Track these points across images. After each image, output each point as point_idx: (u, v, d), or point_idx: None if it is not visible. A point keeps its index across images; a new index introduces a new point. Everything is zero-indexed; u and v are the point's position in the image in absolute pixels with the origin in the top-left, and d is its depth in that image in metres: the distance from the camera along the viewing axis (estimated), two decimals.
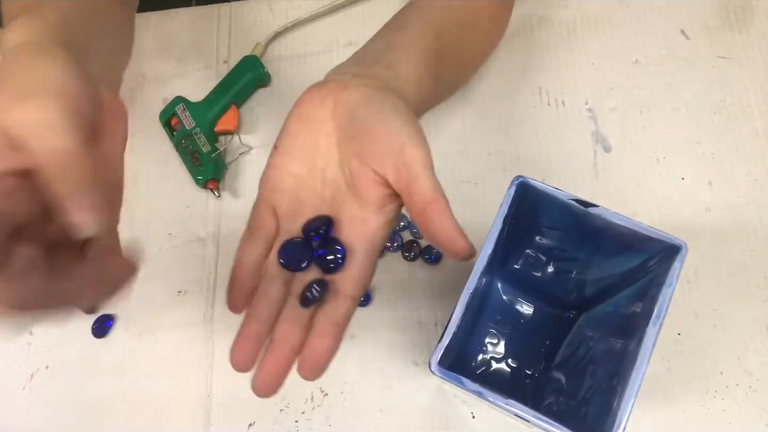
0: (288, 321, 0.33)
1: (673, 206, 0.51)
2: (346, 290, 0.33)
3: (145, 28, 0.61)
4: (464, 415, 0.47)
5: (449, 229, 0.31)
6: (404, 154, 0.32)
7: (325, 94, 0.35)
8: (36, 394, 0.51)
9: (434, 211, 0.31)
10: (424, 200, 0.31)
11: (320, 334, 0.32)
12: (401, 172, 0.32)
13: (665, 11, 0.57)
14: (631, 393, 0.32)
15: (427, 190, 0.31)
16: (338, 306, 0.33)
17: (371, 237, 0.34)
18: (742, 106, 0.53)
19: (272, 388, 0.32)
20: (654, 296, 0.35)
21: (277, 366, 0.32)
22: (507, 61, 0.56)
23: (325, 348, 0.32)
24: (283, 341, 0.32)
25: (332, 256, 0.33)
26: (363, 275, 0.34)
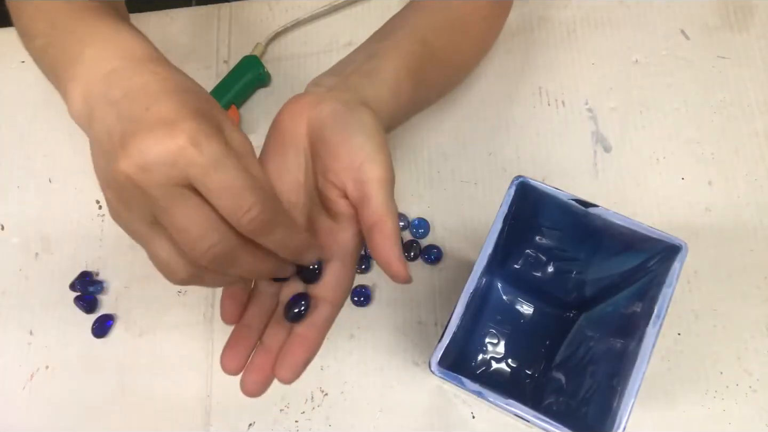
0: (276, 326, 0.35)
1: (673, 206, 0.51)
2: (325, 296, 0.34)
3: (145, 28, 0.61)
4: (464, 415, 0.47)
5: (389, 251, 0.32)
6: (361, 172, 0.33)
7: (301, 109, 0.36)
8: (36, 394, 0.51)
9: (379, 231, 0.32)
10: (372, 219, 0.32)
11: (299, 336, 0.33)
12: (357, 189, 0.33)
13: (665, 11, 0.57)
14: (631, 393, 0.32)
15: (377, 208, 0.32)
16: (318, 311, 0.34)
17: (345, 245, 0.35)
18: (742, 106, 0.53)
19: (261, 388, 0.33)
20: (654, 296, 0.35)
21: (265, 366, 0.33)
22: (506, 61, 0.56)
23: (302, 351, 0.33)
24: (271, 343, 0.34)
25: (310, 272, 0.35)
26: (340, 281, 0.35)
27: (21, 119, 0.59)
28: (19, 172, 0.57)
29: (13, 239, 0.55)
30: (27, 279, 0.54)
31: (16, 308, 0.53)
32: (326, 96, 0.36)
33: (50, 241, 0.55)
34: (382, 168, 0.33)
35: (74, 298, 0.52)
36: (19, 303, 0.53)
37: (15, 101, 0.59)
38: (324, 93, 0.37)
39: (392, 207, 0.33)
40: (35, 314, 0.53)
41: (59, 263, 0.54)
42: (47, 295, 0.53)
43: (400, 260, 0.32)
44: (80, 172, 0.57)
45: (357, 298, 0.50)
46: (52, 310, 0.53)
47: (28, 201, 0.56)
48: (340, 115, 0.35)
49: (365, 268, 0.51)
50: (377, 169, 0.33)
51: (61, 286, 0.53)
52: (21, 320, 0.53)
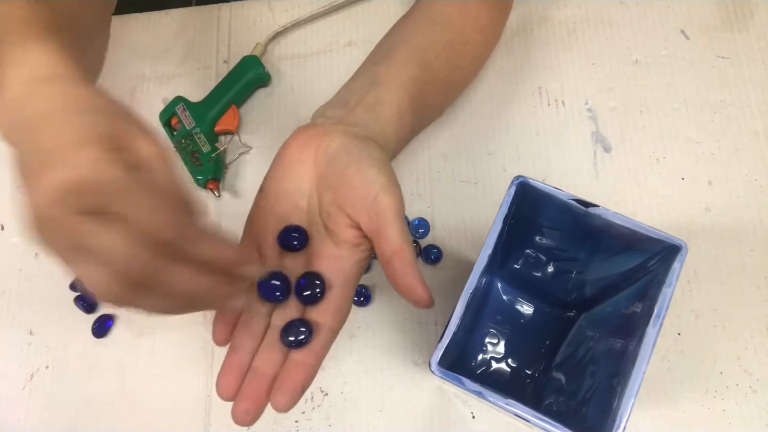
0: (268, 349, 0.34)
1: (673, 206, 0.51)
2: (324, 322, 0.34)
3: (145, 28, 0.61)
4: (464, 415, 0.47)
5: (411, 278, 0.33)
6: (377, 204, 0.34)
7: (308, 138, 0.37)
8: (36, 394, 0.51)
9: (399, 260, 0.33)
10: (391, 249, 0.34)
11: (297, 363, 0.33)
12: (373, 220, 0.34)
13: (665, 11, 0.57)
14: (631, 393, 0.32)
15: (395, 239, 0.34)
16: (317, 337, 0.34)
17: (347, 272, 0.36)
18: (742, 106, 0.53)
19: (252, 417, 0.33)
20: (654, 296, 0.35)
21: (257, 394, 0.33)
22: (507, 61, 0.56)
23: (300, 378, 0.33)
24: (263, 370, 0.34)
25: (310, 291, 0.35)
26: (340, 308, 0.35)
27: None
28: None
29: (13, 239, 0.55)
30: (27, 279, 0.54)
31: (16, 308, 0.53)
32: (334, 128, 0.37)
33: None
34: (396, 199, 0.35)
35: (74, 298, 0.52)
36: (19, 303, 0.53)
37: None
38: (331, 126, 0.38)
39: (408, 237, 0.34)
40: (35, 314, 0.53)
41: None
42: (47, 295, 0.53)
43: (423, 285, 0.34)
44: None
45: (357, 298, 0.50)
46: (52, 310, 0.53)
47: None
48: (352, 148, 0.36)
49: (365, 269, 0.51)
50: (392, 201, 0.34)
51: (61, 286, 0.53)
52: (21, 320, 0.53)
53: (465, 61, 0.48)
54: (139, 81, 0.59)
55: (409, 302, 0.34)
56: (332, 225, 0.36)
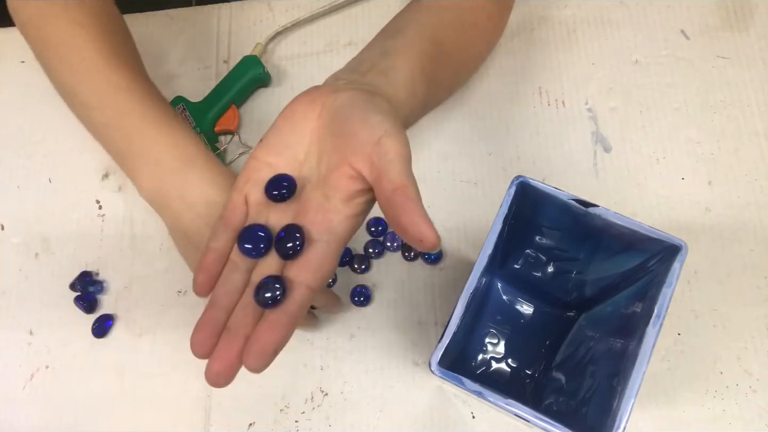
0: (242, 309, 0.33)
1: (673, 206, 0.51)
2: (303, 279, 0.32)
3: (145, 28, 0.61)
4: (464, 415, 0.47)
5: (414, 214, 0.30)
6: (380, 146, 0.32)
7: (316, 96, 0.36)
8: (36, 394, 0.51)
9: (400, 196, 0.31)
10: (392, 186, 0.31)
11: (269, 323, 0.31)
12: (375, 163, 0.32)
13: (665, 11, 0.57)
14: (631, 393, 0.32)
15: (397, 176, 0.31)
16: (293, 296, 0.32)
17: (334, 228, 0.33)
18: (742, 106, 0.53)
19: (225, 378, 0.31)
20: (654, 296, 0.35)
21: (229, 355, 0.31)
22: (507, 61, 0.56)
23: (273, 338, 0.31)
24: (237, 330, 0.32)
25: (289, 244, 0.32)
26: (323, 265, 0.33)
27: (21, 119, 0.59)
28: (19, 172, 0.57)
29: (13, 239, 0.55)
30: (27, 279, 0.54)
31: (16, 308, 0.53)
32: (344, 87, 0.36)
33: (50, 241, 0.55)
34: (401, 143, 0.32)
35: (74, 298, 0.52)
36: (19, 303, 0.53)
37: (15, 101, 0.59)
38: (342, 85, 0.37)
39: (412, 176, 0.32)
40: (35, 314, 0.53)
41: (59, 263, 0.54)
42: (47, 295, 0.53)
43: (428, 222, 0.30)
44: (80, 172, 0.57)
45: (357, 298, 0.50)
46: (52, 310, 0.53)
47: (28, 201, 0.56)
48: (359, 99, 0.35)
49: (365, 268, 0.51)
50: (396, 144, 0.32)
51: (61, 286, 0.53)
52: (21, 320, 0.53)
53: (475, 42, 0.48)
54: None
55: (412, 243, 0.31)
56: (330, 175, 0.34)
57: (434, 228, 0.30)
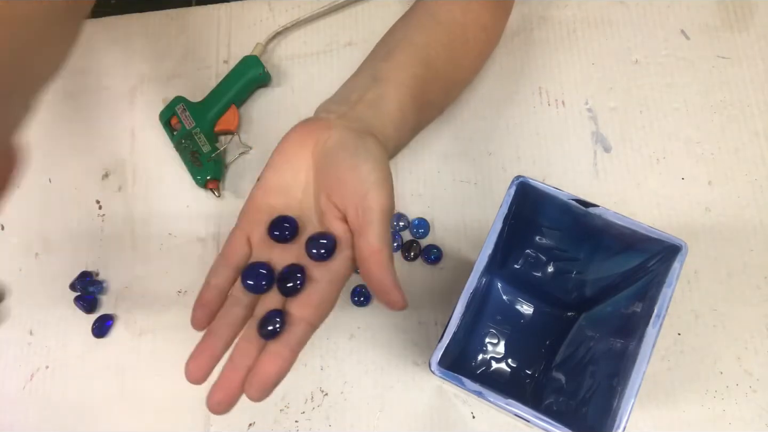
0: (246, 341, 0.34)
1: (673, 206, 0.51)
2: (304, 316, 0.34)
3: (145, 29, 0.61)
4: (464, 415, 0.47)
5: (386, 281, 0.33)
6: (366, 200, 0.34)
7: (309, 132, 0.37)
8: (36, 394, 0.51)
9: (375, 261, 0.33)
10: (369, 249, 0.33)
11: (271, 354, 0.33)
12: (358, 216, 0.34)
13: (665, 11, 0.57)
14: (631, 393, 0.32)
15: (374, 239, 0.33)
16: (294, 330, 0.33)
17: (335, 269, 0.35)
18: (742, 106, 0.53)
19: (226, 407, 0.33)
20: (654, 296, 0.35)
21: (231, 384, 0.33)
22: (507, 61, 0.56)
23: (274, 370, 0.32)
24: (239, 361, 0.33)
25: (290, 283, 0.34)
26: (323, 303, 0.34)
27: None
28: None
29: (13, 239, 0.55)
30: (27, 279, 0.54)
31: (16, 308, 0.53)
32: (335, 123, 0.37)
33: (50, 241, 0.55)
34: (385, 198, 0.34)
35: (74, 298, 0.52)
36: (19, 303, 0.53)
37: None
38: (333, 120, 0.38)
39: (388, 238, 0.34)
40: (35, 314, 0.53)
41: (59, 263, 0.54)
42: (47, 295, 0.53)
43: (397, 288, 0.33)
44: (80, 172, 0.57)
45: (357, 298, 0.50)
46: (52, 310, 0.53)
47: (28, 201, 0.56)
48: (349, 142, 0.36)
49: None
50: (381, 198, 0.34)
51: (61, 286, 0.53)
52: (21, 320, 0.53)
53: (467, 60, 0.48)
54: (139, 81, 0.59)
55: (383, 304, 0.34)
56: (325, 218, 0.36)
57: (401, 292, 0.34)
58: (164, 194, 0.56)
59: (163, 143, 0.57)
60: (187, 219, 0.55)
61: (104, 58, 0.61)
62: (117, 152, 0.57)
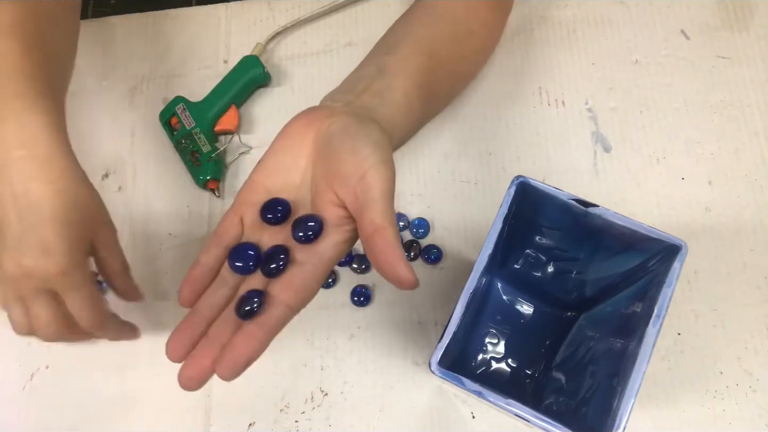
0: (224, 320, 0.34)
1: (673, 206, 0.51)
2: (284, 298, 0.33)
3: (145, 28, 0.61)
4: (464, 415, 0.47)
5: (392, 257, 0.32)
6: (364, 181, 0.33)
7: (312, 119, 0.37)
8: (36, 394, 0.51)
9: (380, 238, 0.32)
10: (372, 226, 0.32)
11: (245, 335, 0.32)
12: (358, 197, 0.33)
13: (665, 11, 0.57)
14: (631, 393, 0.32)
15: (378, 217, 0.32)
16: (272, 312, 0.33)
17: (321, 253, 0.34)
18: (742, 106, 0.53)
19: (197, 382, 0.32)
20: (654, 296, 0.35)
21: (203, 361, 0.32)
22: (507, 61, 0.56)
23: (246, 350, 0.31)
24: (215, 338, 0.33)
25: (272, 264, 0.33)
26: (305, 286, 0.33)
27: None
28: None
29: None
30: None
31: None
32: (339, 110, 0.37)
33: None
34: (386, 180, 0.33)
35: None
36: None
37: None
38: (338, 107, 0.38)
39: (392, 217, 0.33)
40: None
41: None
42: None
43: (406, 264, 0.32)
44: None
45: (357, 298, 0.50)
46: None
47: None
48: (351, 127, 0.35)
49: (365, 268, 0.51)
50: (380, 180, 0.33)
51: None
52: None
53: (470, 53, 0.49)
54: (139, 81, 0.59)
55: (392, 283, 0.32)
56: (318, 201, 0.35)
57: (411, 269, 0.32)
58: (164, 194, 0.56)
59: (163, 143, 0.57)
60: (187, 219, 0.55)
61: (104, 58, 0.61)
62: (117, 152, 0.57)
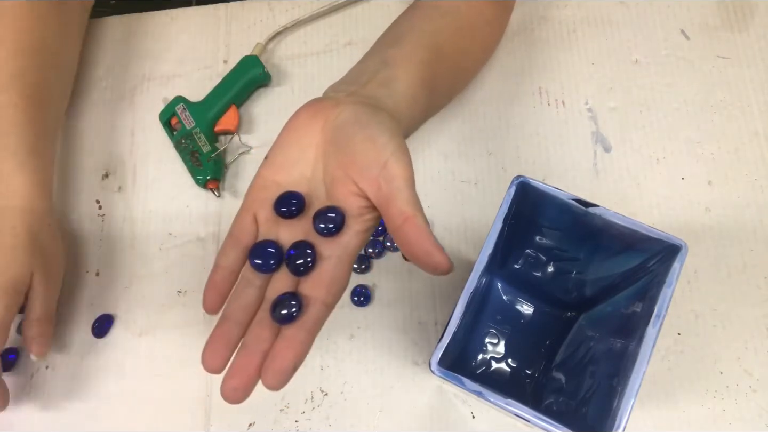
0: (259, 325, 0.33)
1: (673, 206, 0.51)
2: (318, 295, 0.32)
3: (145, 28, 0.61)
4: (464, 415, 0.47)
5: (427, 244, 0.32)
6: (387, 170, 0.33)
7: (318, 109, 0.36)
8: (36, 394, 0.51)
9: (412, 226, 0.32)
10: (402, 216, 0.32)
11: (288, 339, 0.31)
12: (382, 187, 0.33)
13: (665, 11, 0.57)
14: (631, 393, 0.32)
15: (406, 205, 0.32)
16: (309, 311, 0.32)
17: (345, 244, 0.34)
18: (742, 106, 0.53)
19: (243, 393, 0.31)
20: (654, 296, 0.35)
21: (247, 371, 0.31)
22: (507, 61, 0.56)
23: (291, 355, 0.31)
24: (254, 345, 0.32)
25: (300, 261, 0.33)
26: (335, 280, 0.33)
27: None
28: None
29: None
30: None
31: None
32: (346, 100, 0.37)
33: None
34: (406, 167, 0.33)
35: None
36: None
37: None
38: (344, 98, 0.37)
39: (419, 204, 0.33)
40: None
41: None
42: None
43: (440, 250, 0.32)
44: (80, 172, 0.57)
45: (357, 298, 0.50)
46: None
47: None
48: (362, 116, 0.35)
49: (365, 268, 0.51)
50: (402, 168, 0.33)
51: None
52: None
53: (473, 48, 0.49)
54: (139, 81, 0.59)
55: (427, 270, 0.32)
56: (336, 192, 0.34)
57: (447, 255, 0.32)
58: (164, 194, 0.56)
59: (163, 143, 0.57)
60: (187, 219, 0.55)
61: (104, 58, 0.61)
62: (117, 152, 0.57)
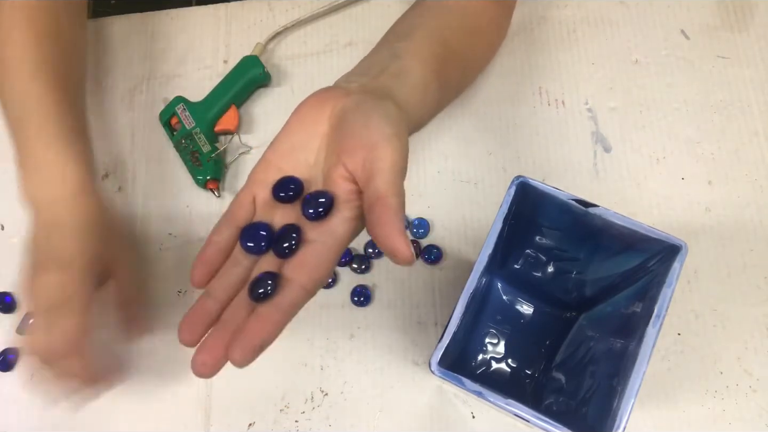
0: (238, 303, 0.33)
1: (673, 206, 0.51)
2: (298, 279, 0.32)
3: (145, 28, 0.61)
4: (464, 415, 0.47)
5: (391, 227, 0.30)
6: (374, 152, 0.32)
7: (328, 98, 0.36)
8: (36, 394, 0.51)
9: (381, 206, 0.31)
10: (375, 195, 0.31)
11: (259, 317, 0.31)
12: (366, 167, 0.32)
13: (665, 11, 0.57)
14: (631, 393, 0.32)
15: (382, 185, 0.31)
16: (286, 293, 0.31)
17: (333, 229, 0.33)
18: (742, 106, 0.53)
19: (211, 369, 0.31)
20: (654, 296, 0.35)
21: (217, 346, 0.31)
22: (507, 61, 0.56)
23: (259, 332, 0.30)
24: (229, 323, 0.32)
25: (284, 243, 0.33)
26: (319, 265, 0.32)
27: None
28: None
29: (13, 239, 0.55)
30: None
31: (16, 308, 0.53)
32: (355, 89, 0.36)
33: None
34: (396, 152, 0.32)
35: None
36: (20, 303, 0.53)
37: None
38: (354, 88, 0.37)
39: (399, 188, 0.32)
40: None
41: None
42: None
43: (403, 236, 0.30)
44: None
45: (357, 298, 0.50)
46: None
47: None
48: (366, 103, 0.35)
49: (365, 268, 0.51)
50: (391, 151, 0.32)
51: None
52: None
53: (480, 44, 0.49)
54: (139, 81, 0.59)
55: (387, 255, 0.31)
56: (329, 178, 0.34)
57: (409, 243, 0.30)
58: (164, 194, 0.56)
59: (163, 143, 0.57)
60: (187, 219, 0.55)
61: (104, 58, 0.61)
62: (117, 152, 0.57)
